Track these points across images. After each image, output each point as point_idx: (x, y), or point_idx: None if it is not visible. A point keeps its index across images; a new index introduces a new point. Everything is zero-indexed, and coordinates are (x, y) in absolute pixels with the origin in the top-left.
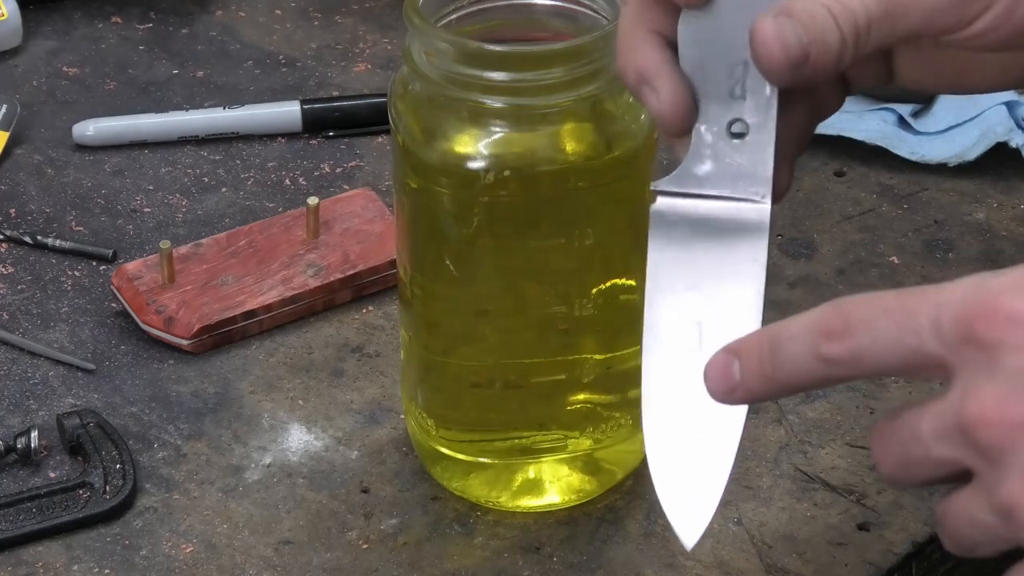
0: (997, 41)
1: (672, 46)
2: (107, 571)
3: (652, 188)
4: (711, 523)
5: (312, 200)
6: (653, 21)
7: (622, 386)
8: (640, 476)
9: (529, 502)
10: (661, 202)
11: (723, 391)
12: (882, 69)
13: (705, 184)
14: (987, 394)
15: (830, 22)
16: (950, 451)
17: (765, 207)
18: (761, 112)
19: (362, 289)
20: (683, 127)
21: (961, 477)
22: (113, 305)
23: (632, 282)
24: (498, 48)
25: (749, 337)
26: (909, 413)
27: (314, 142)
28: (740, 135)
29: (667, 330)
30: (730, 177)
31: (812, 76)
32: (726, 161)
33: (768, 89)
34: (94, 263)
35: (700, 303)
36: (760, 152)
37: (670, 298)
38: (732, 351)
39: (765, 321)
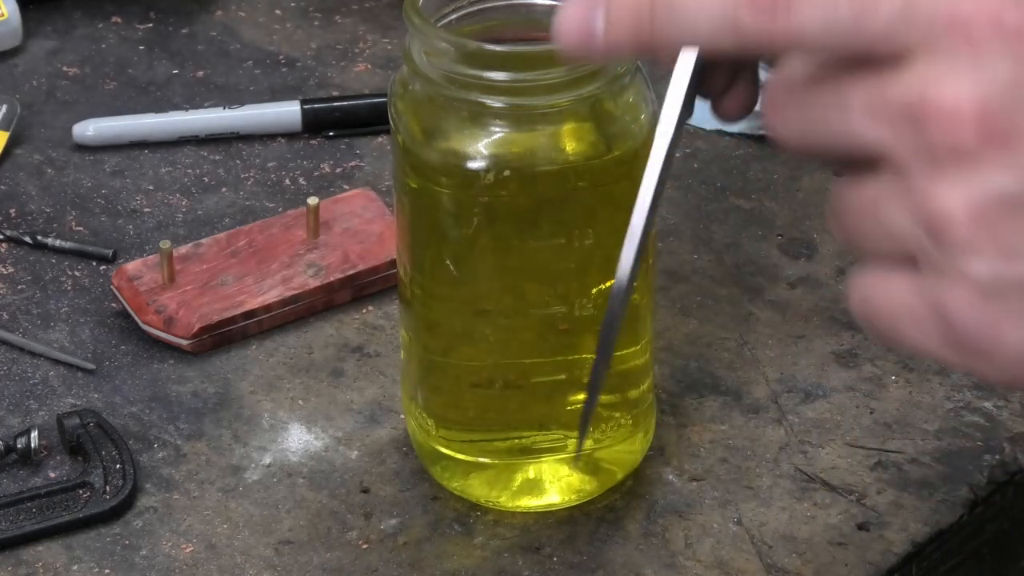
0: None
1: None
2: (107, 571)
3: None
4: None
5: (312, 200)
6: None
7: (622, 386)
8: (640, 476)
9: (529, 502)
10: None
11: (578, 43)
12: None
13: None
14: (967, 90)
15: None
16: (880, 130)
17: None
18: None
19: (362, 289)
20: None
21: (864, 165)
22: (113, 305)
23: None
24: (498, 48)
25: None
26: (838, 78)
27: (314, 142)
28: None
29: None
30: None
31: None
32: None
33: None
34: (94, 263)
35: None
36: None
37: None
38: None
39: (765, 317)
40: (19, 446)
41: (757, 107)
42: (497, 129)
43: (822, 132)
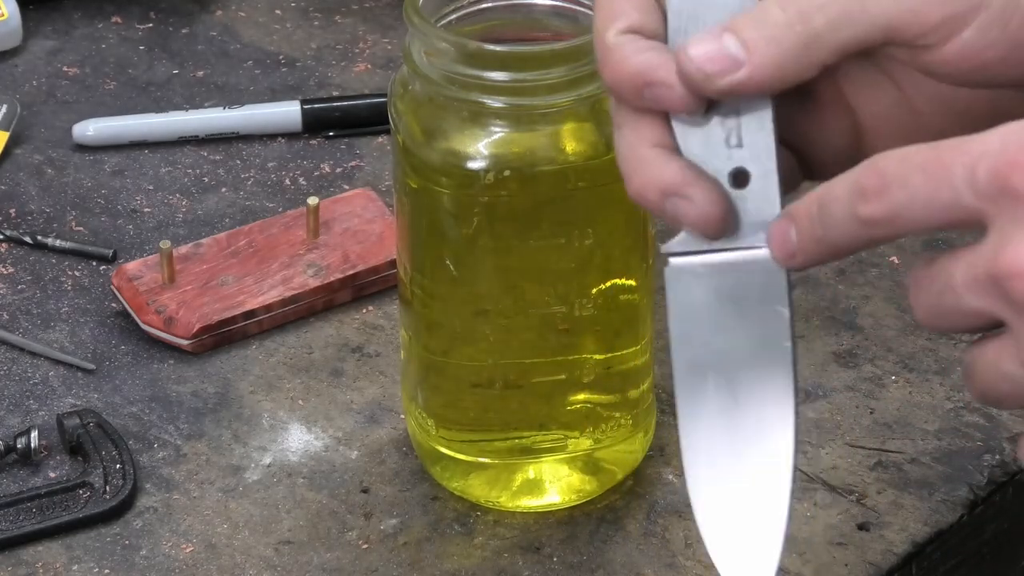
0: (992, 61)
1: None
2: (107, 571)
3: (663, 251)
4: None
5: (312, 200)
6: (653, 135)
7: (622, 386)
8: (640, 476)
9: (529, 502)
10: (674, 264)
11: (784, 256)
12: (843, 122)
13: (714, 242)
14: (1021, 246)
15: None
16: (981, 301)
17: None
18: (760, 156)
19: (362, 289)
20: (726, 226)
21: (992, 327)
22: (113, 305)
23: (632, 282)
24: (498, 48)
25: (802, 200)
26: (944, 261)
27: (314, 142)
28: (743, 184)
29: (701, 395)
30: (739, 226)
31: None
32: (733, 211)
33: (764, 133)
34: (94, 263)
35: (729, 361)
36: (765, 196)
37: (699, 361)
38: (789, 215)
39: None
40: (19, 446)
41: None
42: (497, 129)
43: (945, 311)
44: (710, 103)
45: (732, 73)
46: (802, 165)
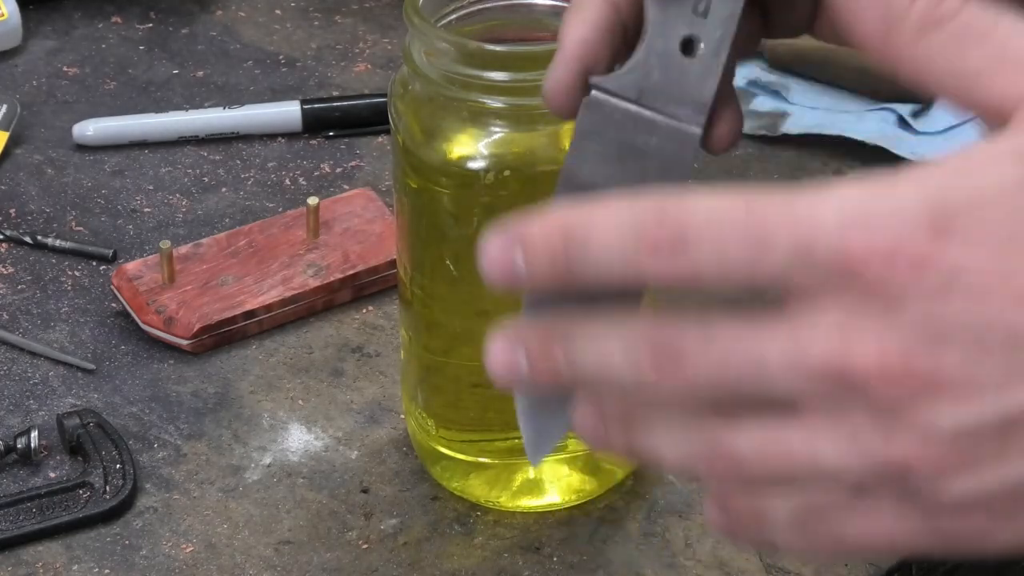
0: None
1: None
2: (107, 571)
3: (591, 81)
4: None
5: (312, 200)
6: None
7: None
8: (640, 476)
9: (529, 502)
10: (595, 97)
11: (502, 278)
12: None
13: (642, 95)
14: (886, 343)
15: None
16: (801, 388)
17: (695, 133)
18: (716, 33)
19: (362, 289)
20: (559, 105)
21: (773, 404)
22: (113, 305)
23: None
24: (498, 48)
25: (542, 221)
26: (744, 328)
27: (314, 142)
28: (690, 53)
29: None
30: (668, 94)
31: None
32: (669, 77)
33: (731, 10)
34: (94, 263)
35: None
36: (705, 75)
37: (581, 196)
38: (517, 236)
39: None
40: (19, 446)
41: (754, 106)
42: (497, 129)
43: (736, 381)
44: None
45: None
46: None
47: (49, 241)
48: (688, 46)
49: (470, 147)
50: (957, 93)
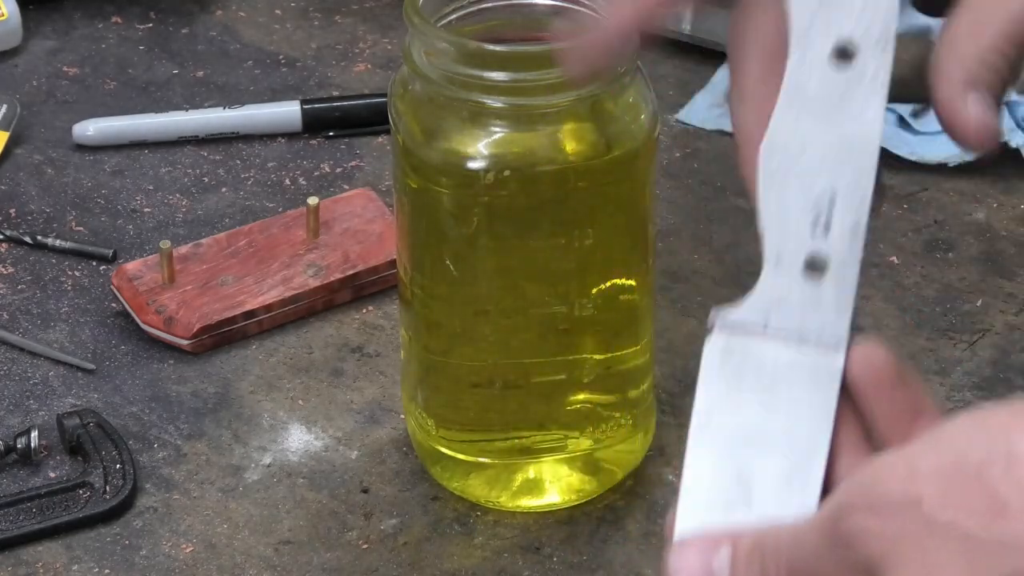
0: None
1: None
2: (107, 571)
3: (712, 317)
4: None
5: (312, 200)
6: None
7: (622, 386)
8: (640, 476)
9: (529, 502)
10: (718, 336)
11: None
12: None
13: (771, 325)
14: None
15: None
16: None
17: (838, 359)
18: (845, 249)
19: (362, 289)
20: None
21: None
22: (113, 305)
23: (632, 282)
24: (498, 48)
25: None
26: None
27: (314, 142)
28: (819, 272)
29: (710, 484)
30: (802, 320)
31: None
32: (799, 301)
33: (857, 224)
34: (94, 263)
35: (752, 459)
36: (839, 296)
37: (718, 447)
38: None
39: None
40: (19, 446)
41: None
42: (497, 129)
43: None
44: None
45: None
46: None
47: (49, 241)
48: (814, 267)
49: (470, 147)
50: None
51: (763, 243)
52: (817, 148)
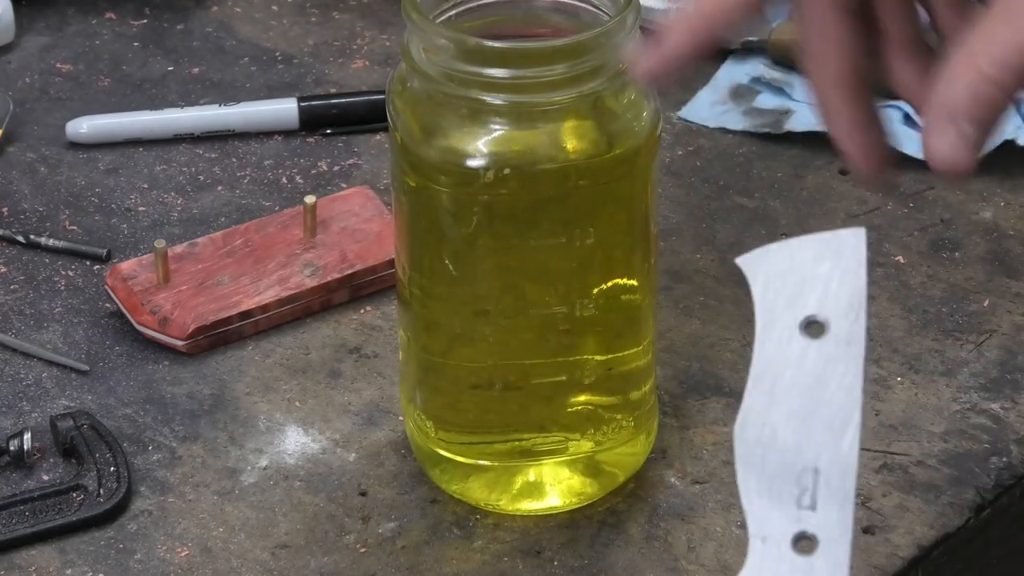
0: None
1: None
2: (100, 575)
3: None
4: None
5: (309, 199)
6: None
7: (623, 388)
8: (642, 479)
9: (529, 505)
10: None
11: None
12: None
13: None
14: None
15: None
16: None
17: None
18: (833, 525)
19: (360, 289)
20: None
21: None
22: (107, 305)
23: (634, 282)
24: (498, 44)
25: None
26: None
27: (311, 140)
28: (808, 548)
29: None
30: None
31: None
32: (790, 572)
33: (844, 499)
34: (88, 263)
35: None
36: (832, 569)
37: None
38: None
39: None
40: (12, 448)
41: (757, 104)
42: (497, 127)
43: None
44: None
45: None
46: None
47: (42, 240)
48: (803, 544)
49: (469, 145)
50: None
51: (747, 520)
52: (794, 422)
